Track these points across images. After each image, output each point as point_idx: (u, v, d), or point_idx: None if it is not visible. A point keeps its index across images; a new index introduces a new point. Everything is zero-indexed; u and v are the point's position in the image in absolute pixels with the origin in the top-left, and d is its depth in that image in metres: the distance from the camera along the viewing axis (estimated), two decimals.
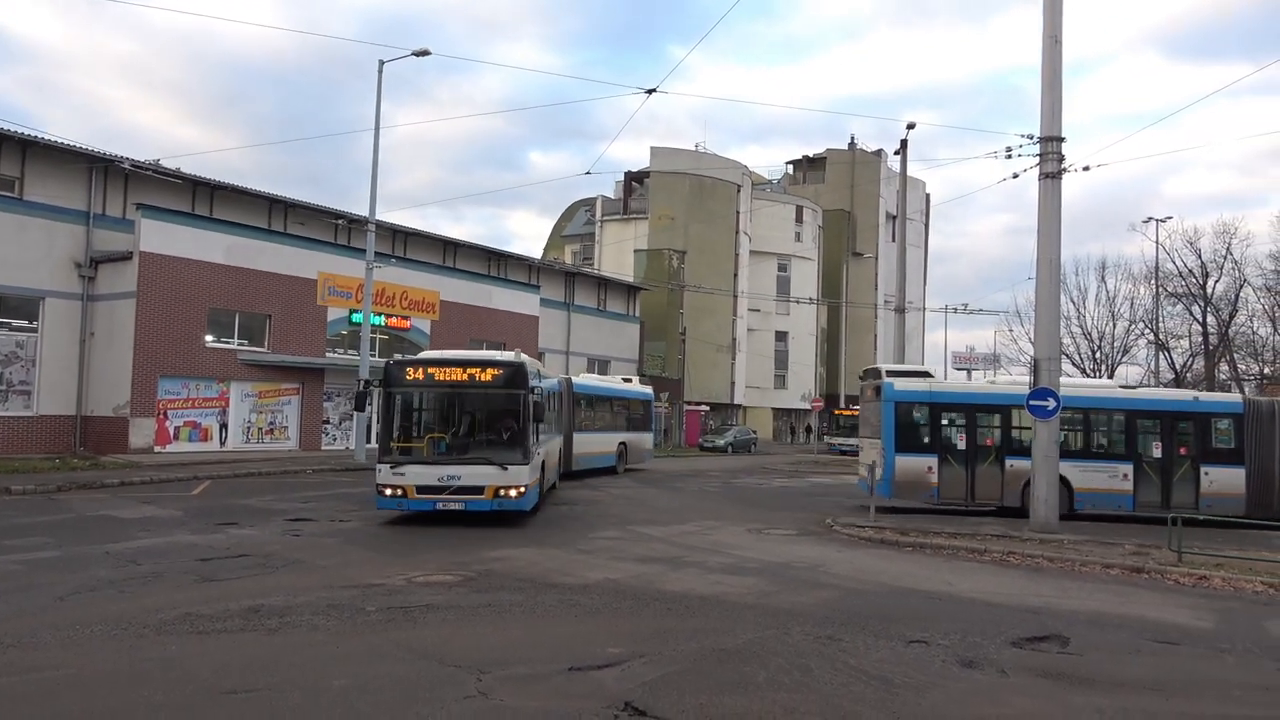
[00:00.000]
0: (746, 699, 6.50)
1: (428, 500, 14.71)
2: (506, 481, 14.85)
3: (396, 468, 14.73)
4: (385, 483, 14.72)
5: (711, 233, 54.16)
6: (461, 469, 14.83)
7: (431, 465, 14.95)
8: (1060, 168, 16.62)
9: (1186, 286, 45.88)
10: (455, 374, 15.31)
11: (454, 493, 14.68)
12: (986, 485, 19.38)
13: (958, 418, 19.75)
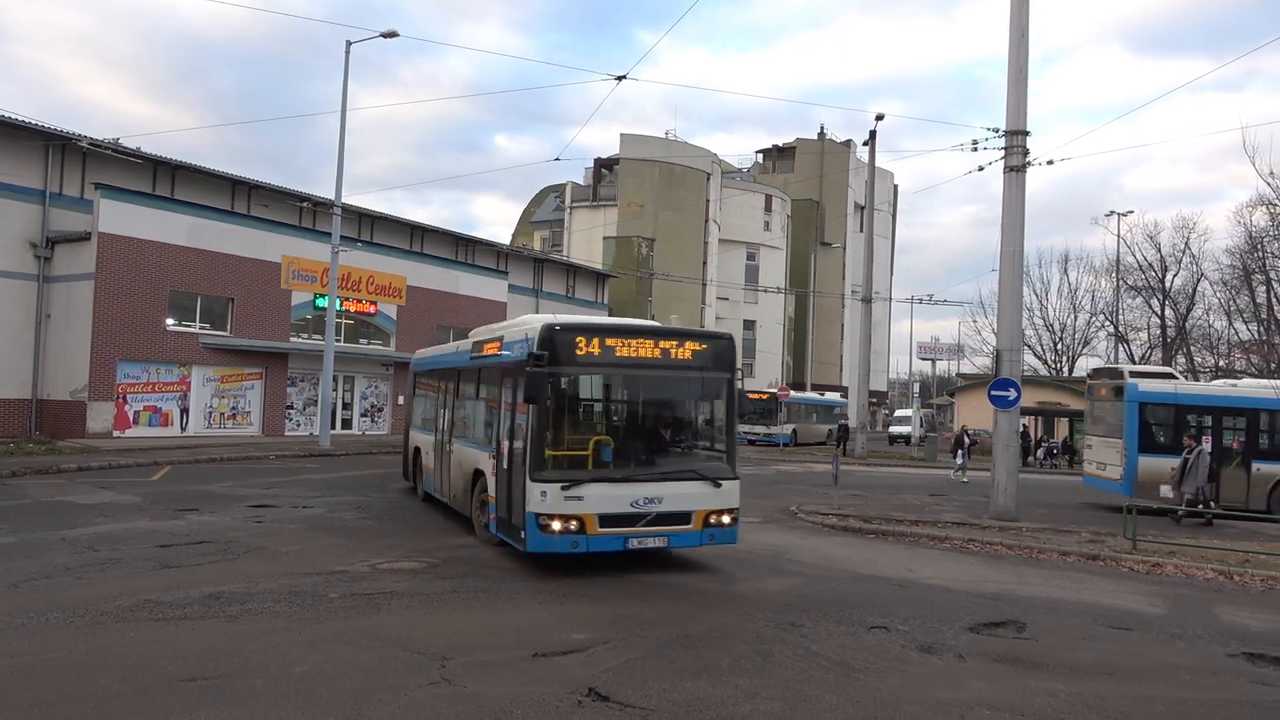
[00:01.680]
0: (709, 684, 6.57)
1: (615, 537, 9.97)
2: (720, 504, 10.53)
3: (571, 489, 9.76)
4: (552, 512, 9.69)
5: (681, 221, 54.18)
6: (662, 488, 10.23)
7: (621, 484, 10.12)
8: (1025, 161, 16.83)
9: (1146, 280, 46.79)
10: (645, 349, 10.51)
11: (652, 523, 10.08)
12: (1231, 487, 19.53)
13: (1202, 419, 19.93)
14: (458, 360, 14.52)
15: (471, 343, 13.88)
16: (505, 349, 11.44)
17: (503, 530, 10.96)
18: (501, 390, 11.46)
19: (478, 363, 13.07)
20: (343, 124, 26.64)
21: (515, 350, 10.88)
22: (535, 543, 9.88)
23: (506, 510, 10.76)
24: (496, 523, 11.20)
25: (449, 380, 14.96)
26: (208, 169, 29.92)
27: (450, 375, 14.94)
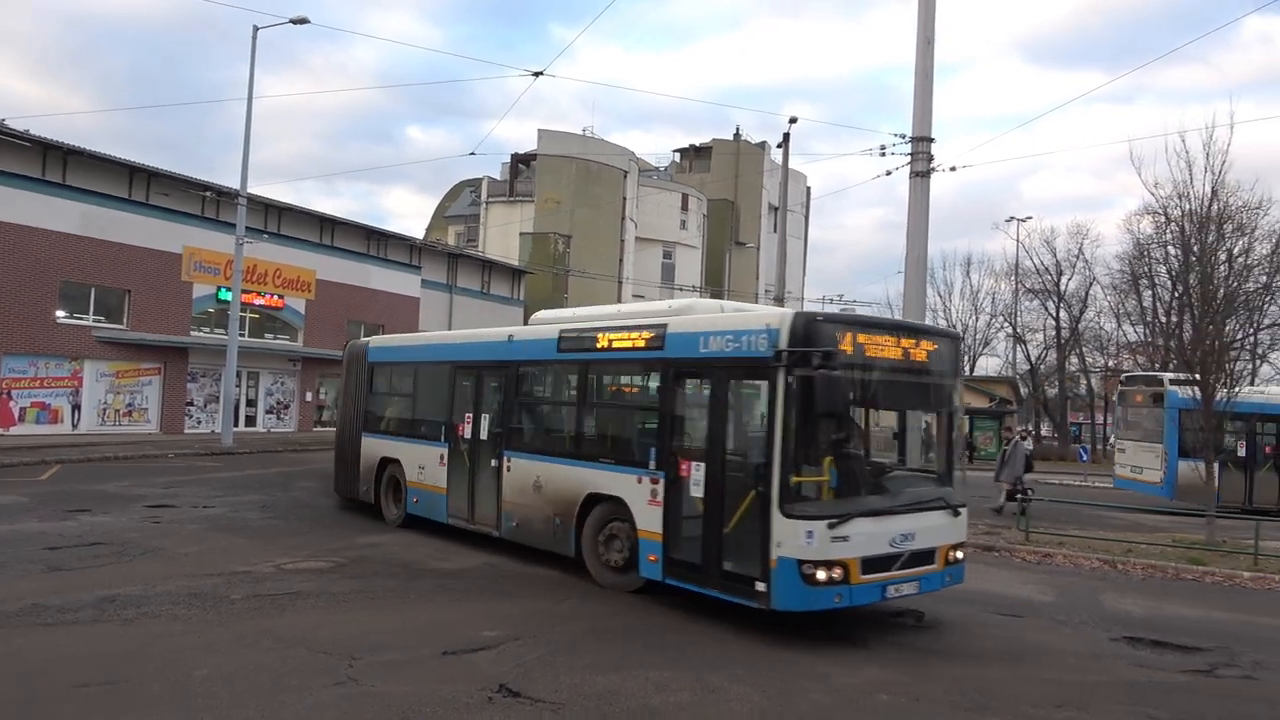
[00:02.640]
0: (621, 677, 6.65)
1: (874, 585, 7.95)
2: (957, 537, 8.93)
3: (838, 525, 7.62)
4: (819, 558, 7.54)
5: (598, 218, 54.18)
6: (914, 520, 8.36)
7: (882, 518, 8.14)
8: (929, 167, 17.38)
9: (1043, 283, 48.88)
10: (901, 348, 8.43)
11: (906, 565, 8.18)
12: (1264, 490, 20.42)
13: (1239, 426, 20.64)
14: (530, 352, 11.24)
15: (567, 330, 10.61)
16: (702, 340, 8.64)
17: (681, 575, 8.56)
18: (687, 394, 9.09)
19: (608, 357, 10.01)
20: (249, 111, 25.79)
21: (736, 344, 8.27)
22: (791, 597, 7.55)
23: (698, 551, 8.40)
24: (667, 565, 8.68)
25: (498, 378, 11.67)
26: (103, 154, 28.57)
27: (502, 371, 11.56)
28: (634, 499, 9.15)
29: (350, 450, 14.75)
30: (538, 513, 10.56)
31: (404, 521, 13.21)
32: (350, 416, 15.17)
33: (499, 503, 11.18)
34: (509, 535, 11.08)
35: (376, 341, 15.31)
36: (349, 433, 14.98)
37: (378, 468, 13.86)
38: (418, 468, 12.94)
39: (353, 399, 15.16)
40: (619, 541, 9.47)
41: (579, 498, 9.91)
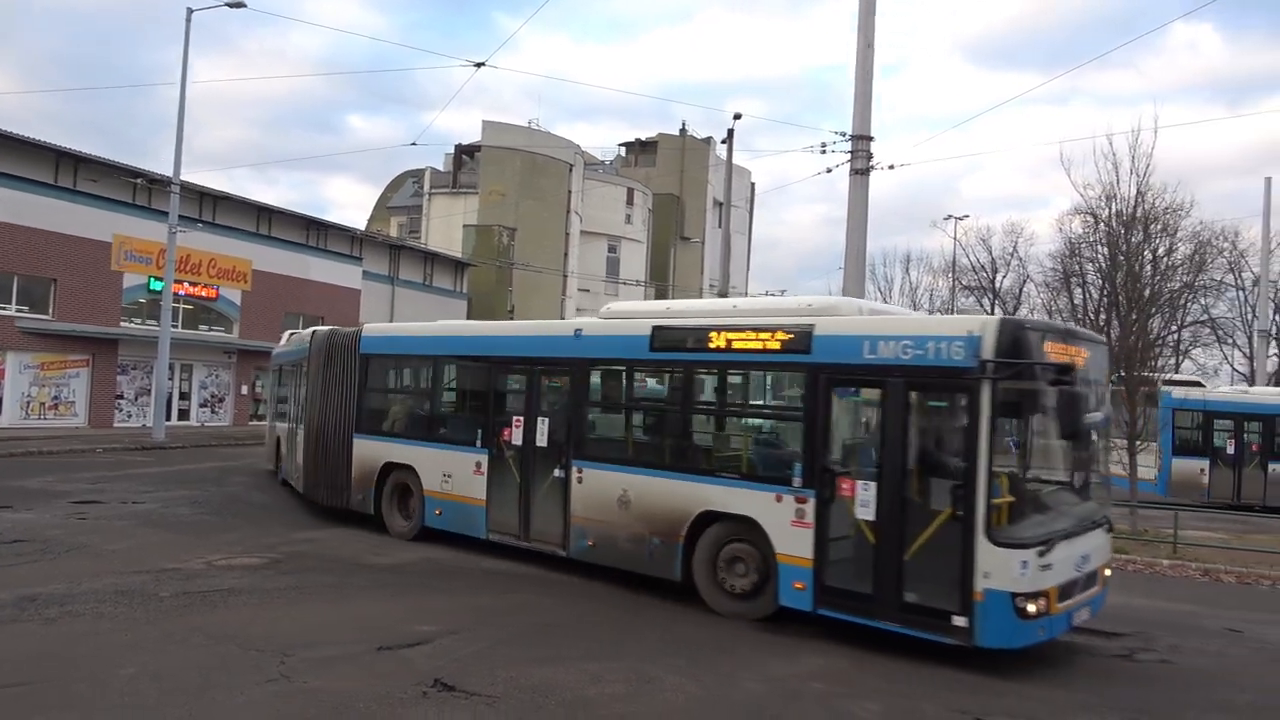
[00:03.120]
0: (558, 669, 6.67)
1: (1066, 612, 7.49)
2: (1109, 554, 8.82)
3: (1046, 553, 7.07)
4: (1029, 590, 6.97)
5: (543, 211, 53.91)
6: (1087, 541, 7.88)
7: (1070, 540, 7.52)
8: (869, 165, 17.67)
9: (979, 280, 49.98)
10: (1084, 356, 7.94)
11: (1083, 588, 7.75)
12: (1251, 487, 21.06)
13: (1228, 424, 21.36)
14: (609, 350, 9.92)
15: (664, 327, 9.36)
16: (867, 345, 7.73)
17: (841, 606, 7.76)
18: (846, 404, 8.34)
19: (727, 359, 8.90)
20: (182, 96, 25.09)
21: (919, 351, 7.42)
22: (1001, 633, 6.96)
23: (867, 579, 7.59)
24: (820, 593, 7.84)
25: (560, 377, 10.44)
26: (28, 138, 27.54)
27: (567, 370, 10.19)
28: (770, 519, 8.17)
29: (336, 454, 12.94)
30: (624, 531, 9.32)
31: (418, 535, 11.70)
32: (327, 414, 13.23)
33: (566, 518, 9.84)
34: (581, 555, 9.80)
35: (373, 330, 13.42)
36: (330, 433, 13.13)
37: (379, 474, 12.21)
38: (441, 476, 11.34)
39: (331, 395, 13.21)
40: (742, 565, 8.43)
41: (688, 516, 8.77)
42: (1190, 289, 39.25)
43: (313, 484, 13.65)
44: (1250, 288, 37.70)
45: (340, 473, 12.85)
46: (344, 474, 12.79)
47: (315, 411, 13.61)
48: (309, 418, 13.87)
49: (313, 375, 13.87)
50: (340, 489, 12.88)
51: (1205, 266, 38.90)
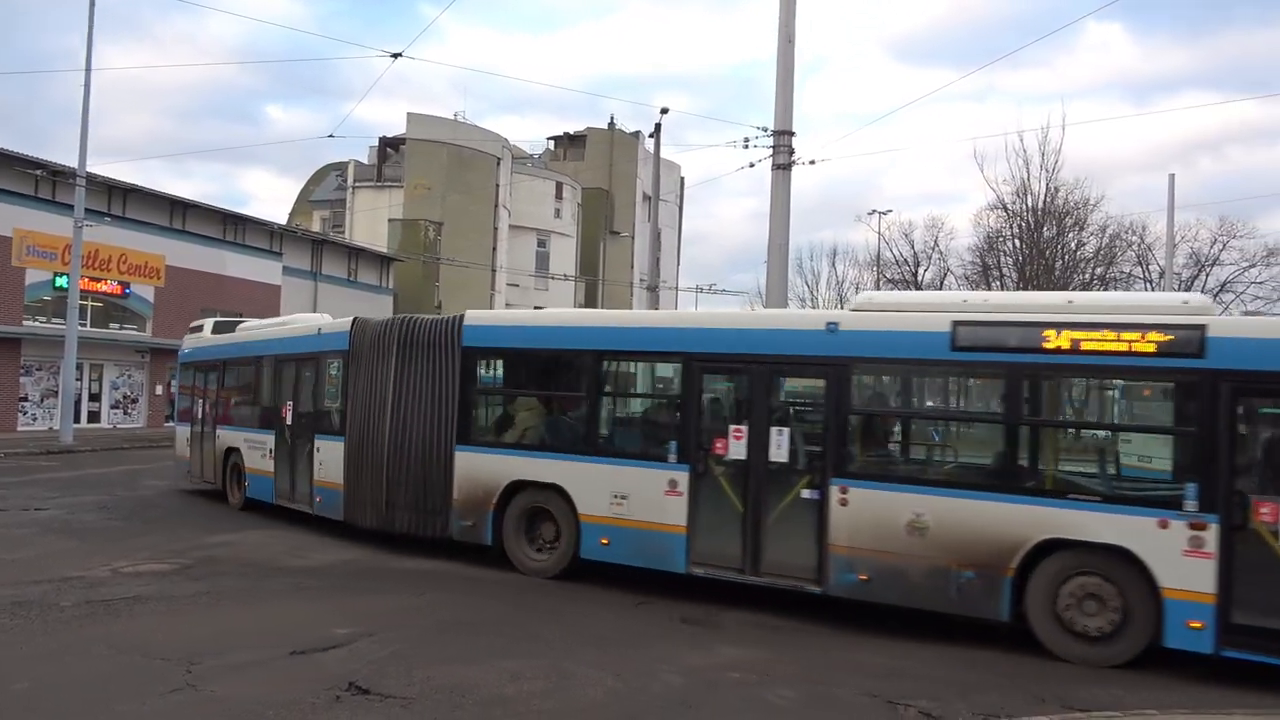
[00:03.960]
0: (477, 669, 6.61)
1: None
2: None
3: None
4: None
5: (470, 205, 53.29)
6: None
7: None
8: (790, 160, 17.89)
9: (902, 274, 51.11)
10: None
11: None
12: None
13: None
14: (887, 348, 8.38)
15: (970, 322, 8.02)
16: None
17: (1264, 648, 6.83)
18: (1261, 417, 7.32)
19: (1078, 361, 7.67)
20: (87, 83, 24.07)
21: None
22: None
23: None
24: (1225, 632, 6.88)
25: (805, 380, 9.51)
26: None
27: (817, 372, 8.80)
28: (1150, 548, 7.12)
29: (422, 470, 10.69)
30: (917, 563, 7.92)
31: (563, 571, 9.76)
32: (402, 421, 10.89)
33: (822, 548, 8.34)
34: (846, 592, 8.30)
35: (482, 319, 10.96)
36: (410, 445, 10.81)
37: (502, 496, 10.10)
38: (610, 497, 9.39)
39: (409, 397, 10.89)
40: (1094, 603, 7.34)
41: (1022, 545, 7.54)
42: (1101, 281, 40.96)
43: (362, 503, 11.26)
44: (1157, 280, 39.33)
45: (431, 493, 10.54)
46: (438, 495, 10.47)
47: (371, 418, 11.17)
48: (355, 425, 11.39)
49: (363, 373, 11.42)
50: (431, 512, 10.56)
51: (1115, 259, 40.67)
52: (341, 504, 11.58)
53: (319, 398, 12.63)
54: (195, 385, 16.37)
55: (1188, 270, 40.35)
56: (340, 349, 11.95)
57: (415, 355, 10.93)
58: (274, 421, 13.47)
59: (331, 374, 12.52)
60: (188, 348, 16.94)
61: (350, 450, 11.50)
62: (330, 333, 12.50)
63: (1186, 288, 40.47)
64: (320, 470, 12.15)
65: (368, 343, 11.48)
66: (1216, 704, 6.35)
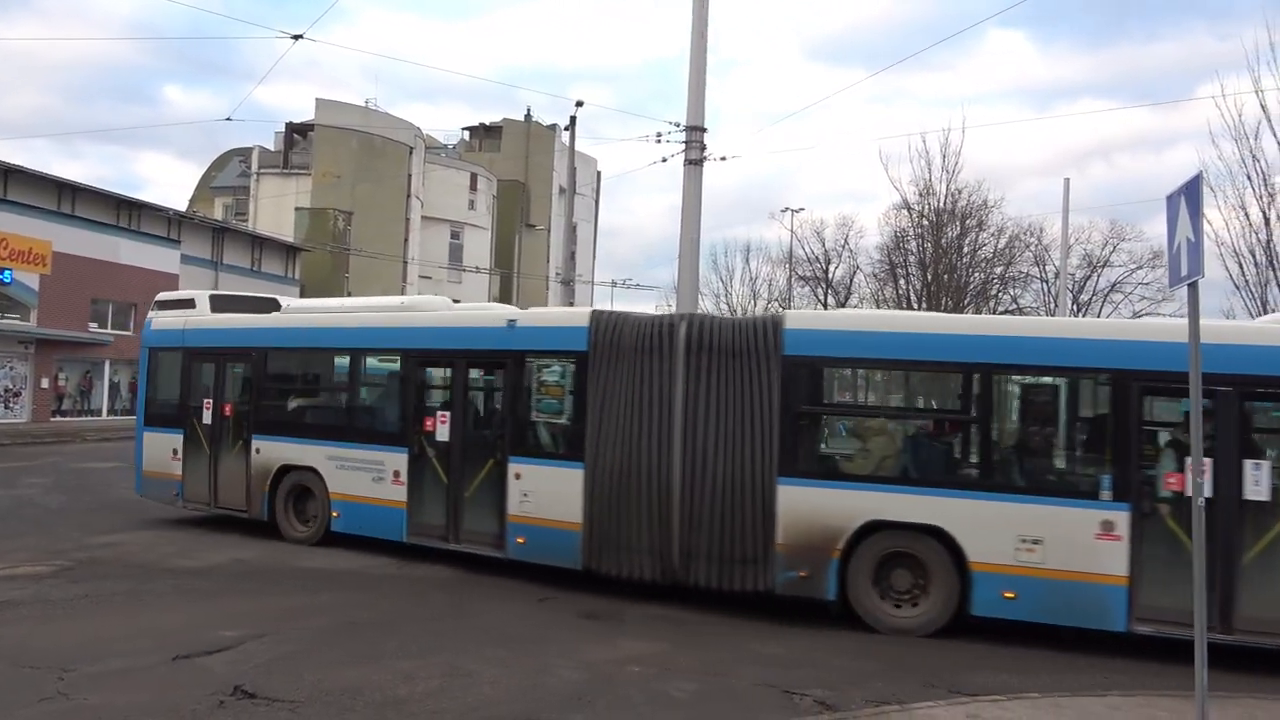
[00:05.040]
0: (369, 670, 6.45)
1: None
2: None
3: None
4: None
5: (381, 195, 52.13)
6: None
7: None
8: (702, 156, 17.99)
9: (814, 271, 52.12)
10: None
11: None
12: None
13: None
14: None
15: None
16: None
17: None
18: None
19: None
20: None
21: None
22: None
23: None
24: None
25: None
26: None
27: None
28: None
29: (722, 506, 8.49)
30: None
31: (937, 628, 8.04)
32: (695, 445, 8.63)
33: None
34: None
35: (810, 321, 9.57)
36: (705, 475, 8.56)
37: (851, 540, 8.22)
38: (1017, 542, 7.73)
39: (708, 416, 8.66)
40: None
41: None
42: (1001, 280, 42.47)
43: (621, 548, 8.87)
44: (1053, 279, 41.00)
45: (743, 537, 8.45)
46: (753, 539, 8.43)
47: (642, 440, 8.86)
48: (608, 448, 8.99)
49: (622, 383, 9.05)
50: (743, 561, 8.45)
51: (1014, 259, 42.25)
52: (579, 548, 9.01)
53: (518, 408, 9.82)
54: (190, 379, 12.40)
55: (1081, 271, 42.25)
56: (569, 349, 9.43)
57: (712, 364, 8.74)
58: (404, 436, 10.40)
59: (548, 380, 9.85)
60: (165, 327, 12.70)
61: (599, 480, 8.97)
62: (539, 327, 10.05)
63: (1080, 288, 42.37)
64: (524, 503, 9.45)
65: (627, 345, 9.07)
66: (1125, 686, 6.60)
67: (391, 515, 10.37)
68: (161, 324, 12.83)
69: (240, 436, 11.86)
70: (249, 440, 11.71)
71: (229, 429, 12.02)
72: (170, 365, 12.73)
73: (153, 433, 12.68)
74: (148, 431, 12.77)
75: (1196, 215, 5.53)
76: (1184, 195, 5.62)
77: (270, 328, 12.08)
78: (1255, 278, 24.48)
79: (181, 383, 12.52)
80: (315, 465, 11.08)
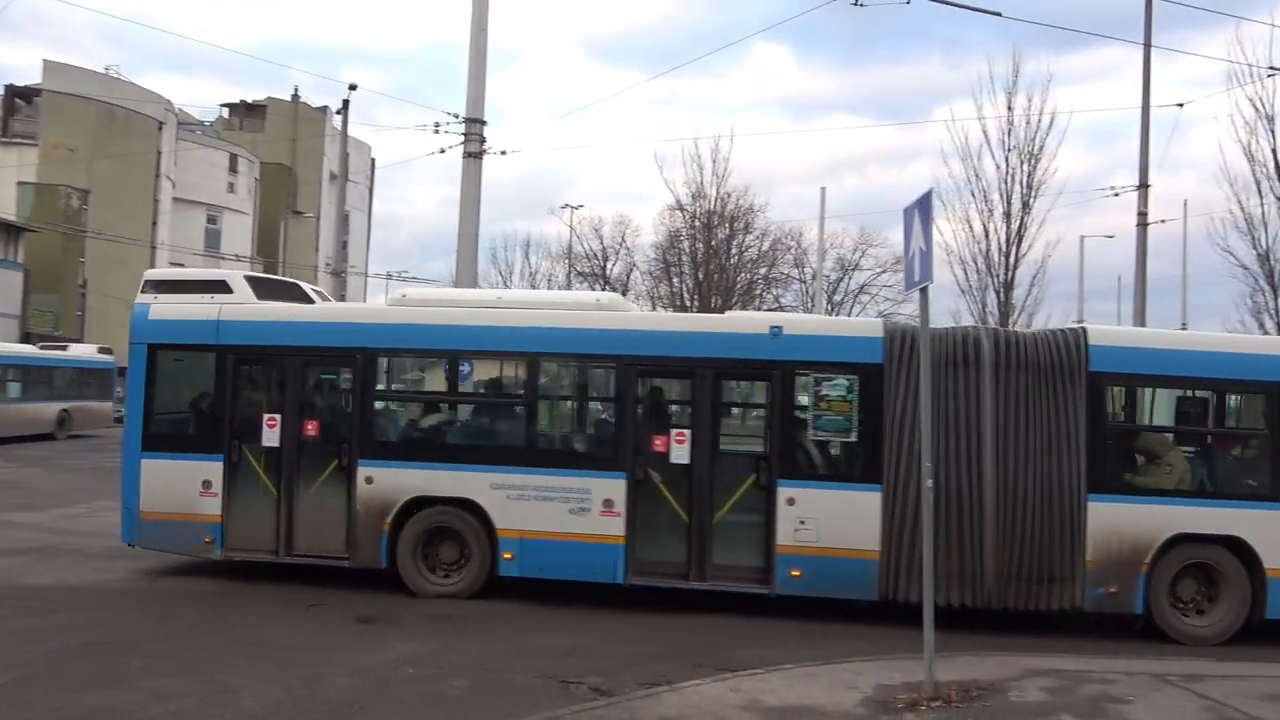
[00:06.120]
0: (113, 693, 5.94)
1: None
2: None
3: None
4: None
5: (125, 172, 47.35)
6: None
7: None
8: (481, 149, 17.87)
9: (592, 267, 52.97)
10: None
11: None
12: None
13: None
14: None
15: None
16: None
17: None
18: None
19: None
20: None
21: None
22: None
23: None
24: None
25: None
26: None
27: None
28: None
29: (1039, 524, 8.21)
30: None
31: (1229, 636, 8.18)
32: (1009, 463, 8.28)
33: None
34: None
35: (1117, 338, 9.14)
36: (1017, 491, 8.24)
37: (1156, 553, 8.22)
38: None
39: (1015, 432, 8.31)
40: None
41: None
42: (765, 280, 45.17)
43: (918, 571, 7.52)
44: (810, 281, 44.15)
45: (1051, 556, 8.22)
46: (1061, 558, 8.23)
47: (950, 459, 8.34)
48: (911, 469, 8.25)
49: (916, 398, 8.04)
50: (1050, 580, 8.20)
51: (776, 261, 45.09)
52: (875, 577, 8.36)
53: (788, 425, 8.84)
54: (234, 388, 9.51)
55: (835, 273, 45.77)
56: (856, 361, 8.69)
57: (1018, 378, 8.42)
58: (620, 458, 8.91)
59: (831, 395, 8.81)
60: (182, 318, 9.59)
61: (901, 503, 8.34)
62: (816, 336, 9.10)
63: (834, 289, 45.90)
64: (801, 532, 8.55)
65: (936, 359, 8.35)
66: (865, 653, 7.22)
67: (600, 553, 8.68)
68: (171, 314, 9.55)
69: (335, 462, 9.18)
70: (352, 466, 9.07)
71: (313, 453, 9.25)
72: (192, 370, 9.77)
73: (160, 460, 9.38)
74: (149, 459, 9.40)
75: (928, 226, 6.22)
76: (918, 208, 6.29)
77: (392, 324, 9.53)
78: (977, 283, 27.74)
79: (218, 393, 9.43)
80: (472, 496, 8.84)
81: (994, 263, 27.55)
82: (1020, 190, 27.16)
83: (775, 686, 6.20)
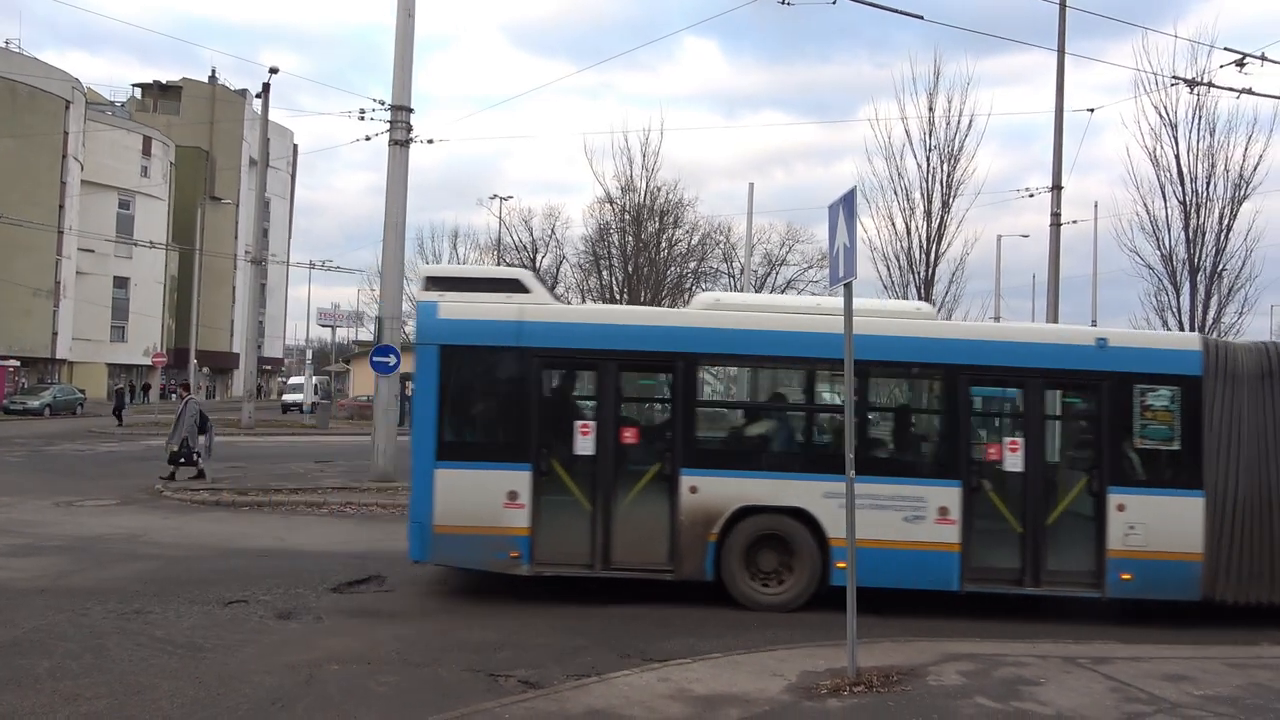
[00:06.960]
0: (20, 695, 5.70)
1: None
2: None
3: None
4: None
5: (28, 153, 45.21)
6: None
7: None
8: (408, 137, 17.55)
9: (521, 259, 52.52)
10: None
11: None
12: None
13: None
14: None
15: None
16: None
17: None
18: None
19: None
20: None
21: None
22: None
23: None
24: None
25: None
26: None
27: None
28: None
29: None
30: None
31: None
32: None
33: None
34: None
35: None
36: None
37: None
38: None
39: None
40: None
41: None
42: (695, 275, 45.44)
43: (1246, 575, 8.79)
44: (739, 274, 44.58)
45: None
46: None
47: (1260, 469, 8.85)
48: (1229, 477, 8.86)
49: (1240, 411, 8.96)
50: None
51: (706, 255, 45.41)
52: (1198, 579, 8.74)
53: (1118, 435, 9.01)
54: (540, 394, 9.07)
55: (763, 268, 46.33)
56: (1176, 372, 9.02)
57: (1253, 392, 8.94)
58: (953, 467, 8.95)
59: (1155, 405, 9.16)
60: (478, 318, 8.97)
61: (1221, 508, 8.79)
62: (1143, 349, 9.36)
63: (761, 283, 46.42)
64: (1131, 537, 8.80)
65: (1244, 371, 8.97)
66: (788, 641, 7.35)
67: (935, 560, 8.67)
68: (464, 313, 8.91)
69: (653, 471, 8.86)
70: (674, 476, 8.71)
71: (630, 462, 8.91)
72: (491, 373, 9.18)
73: (458, 469, 8.77)
74: (444, 468, 8.74)
75: (852, 223, 6.35)
76: (842, 206, 6.42)
77: (713, 329, 9.07)
78: (899, 279, 28.41)
79: (523, 398, 8.95)
80: (804, 505, 8.60)
81: (915, 260, 28.25)
82: (940, 189, 27.94)
83: (702, 675, 6.27)
